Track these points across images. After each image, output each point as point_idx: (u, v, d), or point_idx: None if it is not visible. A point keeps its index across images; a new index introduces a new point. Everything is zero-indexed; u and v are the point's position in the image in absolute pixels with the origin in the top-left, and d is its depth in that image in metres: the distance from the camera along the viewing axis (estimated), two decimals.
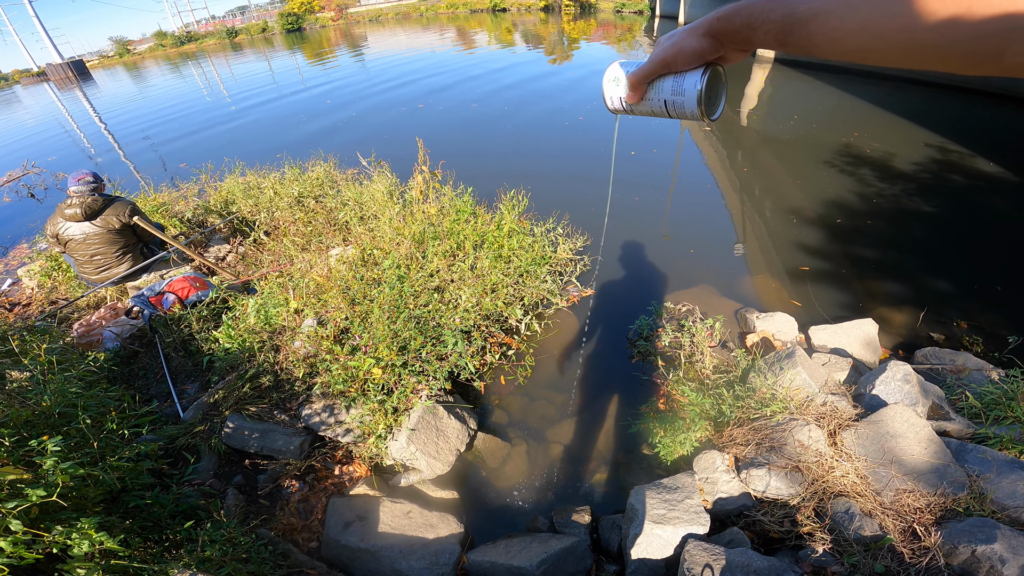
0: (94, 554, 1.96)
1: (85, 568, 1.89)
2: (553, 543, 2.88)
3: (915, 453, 2.64)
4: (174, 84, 27.14)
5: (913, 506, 2.44)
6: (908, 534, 2.34)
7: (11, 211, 9.42)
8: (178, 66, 37.01)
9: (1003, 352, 3.73)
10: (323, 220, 5.96)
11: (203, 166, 7.64)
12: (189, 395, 3.87)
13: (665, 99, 0.89)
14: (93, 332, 4.24)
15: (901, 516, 2.42)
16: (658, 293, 5.00)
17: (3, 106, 29.31)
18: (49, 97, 29.04)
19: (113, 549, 1.98)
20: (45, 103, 26.75)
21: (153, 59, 56.69)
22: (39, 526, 1.91)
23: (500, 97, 13.63)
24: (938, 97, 10.76)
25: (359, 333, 3.71)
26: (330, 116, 13.76)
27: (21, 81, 45.51)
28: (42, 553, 1.89)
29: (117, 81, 34.32)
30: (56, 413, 2.55)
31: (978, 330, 4.19)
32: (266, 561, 2.55)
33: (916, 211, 6.11)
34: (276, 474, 3.29)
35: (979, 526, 2.25)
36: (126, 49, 77.38)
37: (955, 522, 2.35)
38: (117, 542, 1.97)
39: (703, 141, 9.17)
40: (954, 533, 2.26)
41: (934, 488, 2.51)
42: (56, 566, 1.92)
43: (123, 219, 4.72)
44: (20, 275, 5.78)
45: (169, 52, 67.01)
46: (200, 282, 4.75)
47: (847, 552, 2.33)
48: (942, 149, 7.78)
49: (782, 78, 13.45)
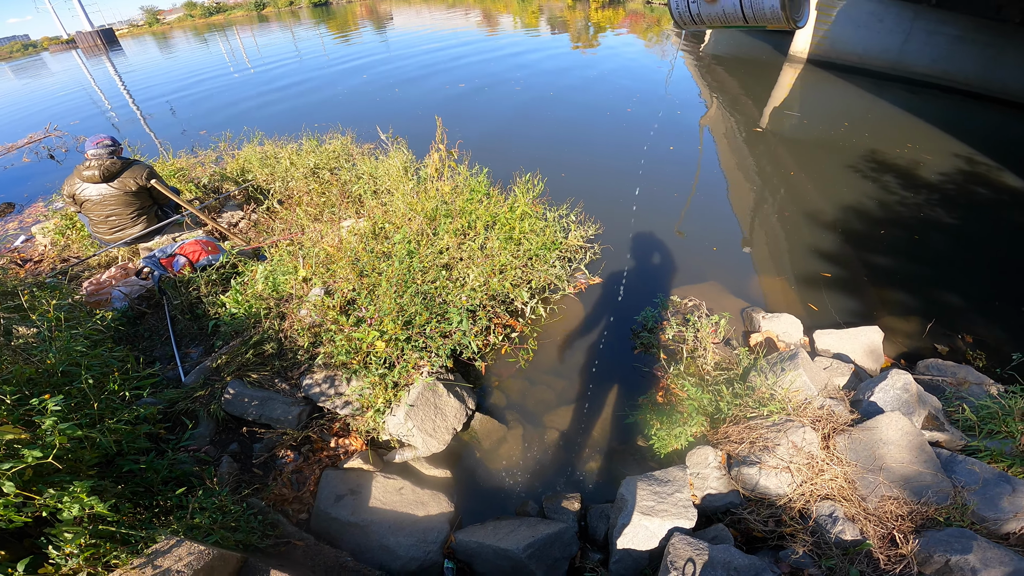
0: (83, 519, 1.95)
1: (73, 532, 1.89)
2: (541, 528, 2.90)
3: (905, 461, 2.63)
4: (200, 54, 27.17)
5: (895, 513, 2.44)
6: (887, 540, 2.35)
7: (30, 171, 9.52)
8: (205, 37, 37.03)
9: (1005, 368, 3.72)
10: (337, 192, 5.97)
11: (222, 134, 7.66)
12: (192, 359, 3.90)
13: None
14: (102, 291, 4.29)
15: (883, 522, 2.42)
16: (666, 286, 4.98)
17: (30, 72, 29.49)
18: (76, 64, 29.18)
19: (102, 514, 1.97)
20: (71, 70, 26.88)
21: (181, 29, 56.80)
22: (31, 489, 1.90)
23: (543, 81, 13.39)
24: (975, 107, 10.60)
25: (365, 305, 3.73)
26: (365, 91, 13.69)
27: (49, 48, 45.67)
28: (31, 517, 1.89)
29: (144, 50, 34.42)
30: (60, 371, 2.55)
31: (982, 345, 4.17)
32: (255, 531, 2.56)
33: (935, 222, 6.02)
34: (272, 443, 3.30)
35: (957, 536, 2.26)
36: (155, 18, 77.50)
37: (934, 531, 2.36)
38: (107, 507, 1.96)
39: (722, 138, 9.07)
40: (932, 542, 2.27)
41: (919, 496, 2.51)
42: (44, 530, 1.92)
43: (140, 182, 4.76)
44: (34, 232, 5.84)
45: (197, 23, 67.10)
46: (211, 246, 4.78)
47: (826, 555, 2.34)
48: (970, 160, 7.66)
49: (814, 79, 13.18)
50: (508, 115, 10.71)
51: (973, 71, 11.41)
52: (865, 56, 13.33)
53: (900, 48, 12.63)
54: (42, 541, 1.91)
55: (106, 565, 1.94)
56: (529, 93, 12.22)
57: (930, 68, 12.22)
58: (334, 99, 13.09)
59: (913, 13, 12.16)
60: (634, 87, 12.15)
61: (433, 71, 15.49)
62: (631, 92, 11.79)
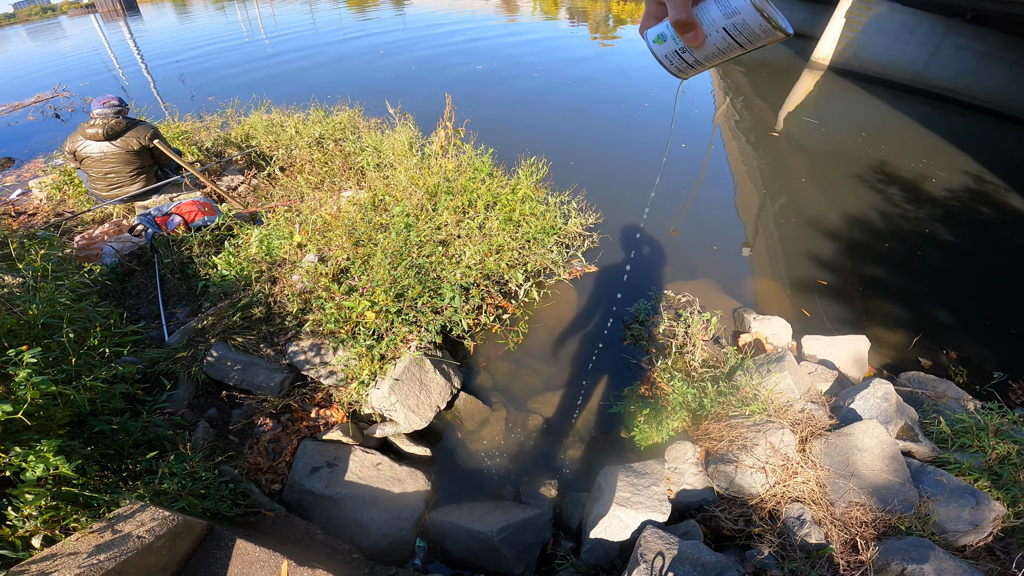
0: (47, 479, 1.90)
1: (34, 493, 1.84)
2: (516, 512, 2.90)
3: (876, 469, 2.63)
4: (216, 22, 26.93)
5: (860, 519, 2.45)
6: (849, 546, 2.35)
7: (34, 129, 9.48)
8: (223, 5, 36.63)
9: (985, 385, 3.73)
10: (340, 163, 5.94)
11: (230, 101, 7.62)
12: (178, 319, 3.87)
13: (724, 26, 0.81)
14: (94, 245, 4.27)
15: (847, 528, 2.43)
16: (661, 280, 4.96)
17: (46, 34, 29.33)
18: (92, 28, 29.00)
19: (67, 475, 1.92)
20: (88, 34, 26.70)
21: None
22: None
23: (563, 71, 13.11)
24: (993, 126, 10.46)
25: (358, 274, 3.71)
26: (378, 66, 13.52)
27: (68, 12, 45.38)
28: None
29: (162, 15, 34.18)
30: (41, 323, 2.52)
31: (966, 362, 4.19)
32: (224, 499, 2.52)
33: (935, 238, 5.97)
34: (251, 410, 3.27)
35: (916, 546, 2.26)
36: None
37: (895, 539, 2.36)
38: (73, 468, 1.91)
39: (731, 140, 8.98)
40: (891, 550, 2.27)
41: (885, 504, 2.52)
42: (6, 490, 1.87)
43: (143, 141, 4.76)
44: (31, 186, 5.81)
45: None
46: (208, 207, 4.76)
47: (790, 557, 2.34)
48: (978, 179, 7.57)
49: (833, 87, 12.98)
50: (522, 100, 10.60)
51: (996, 89, 11.26)
52: (888, 67, 13.17)
53: (926, 61, 12.47)
54: (1, 502, 1.86)
55: (64, 528, 1.89)
56: (546, 80, 12.05)
57: (953, 83, 12.07)
58: (346, 72, 12.97)
59: (945, 27, 12.01)
60: (653, 81, 12.01)
61: (450, 51, 15.25)
62: (648, 87, 11.65)
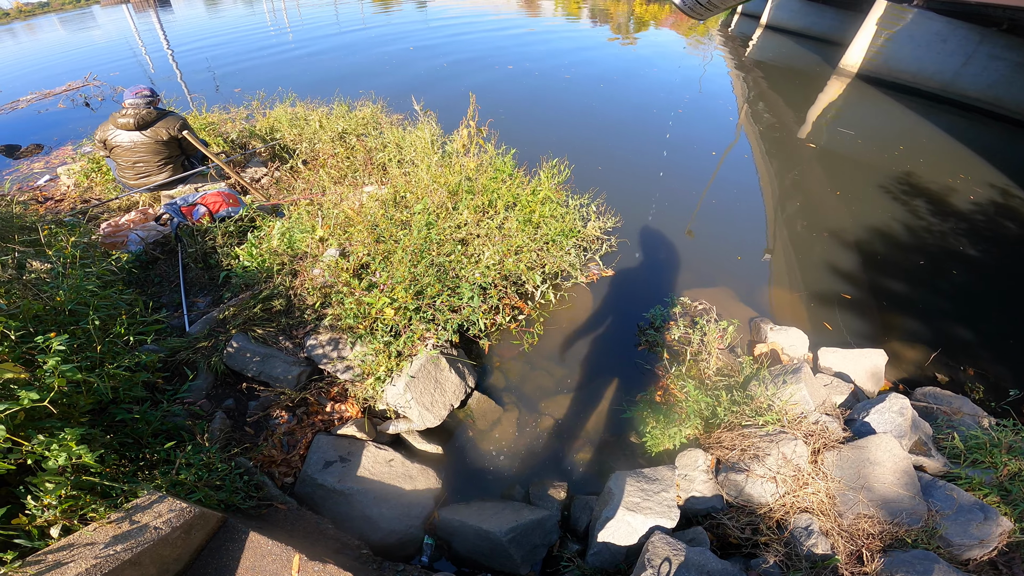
0: (67, 468, 1.87)
1: (55, 482, 1.80)
2: (525, 513, 2.91)
3: (887, 482, 2.62)
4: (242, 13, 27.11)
5: (867, 531, 2.44)
6: (854, 558, 2.35)
7: (64, 117, 9.59)
8: None
9: (1001, 403, 3.71)
10: (362, 158, 5.99)
11: (256, 93, 7.71)
12: (199, 308, 3.93)
13: None
14: (120, 233, 4.34)
15: (853, 539, 2.42)
16: (677, 287, 4.95)
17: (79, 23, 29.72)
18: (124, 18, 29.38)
19: (87, 464, 1.89)
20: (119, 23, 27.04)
21: None
22: (20, 434, 1.84)
23: (594, 72, 13.04)
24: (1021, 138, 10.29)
25: (379, 270, 3.74)
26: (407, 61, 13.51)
27: (102, 2, 45.91)
28: (15, 464, 1.81)
29: (192, 6, 34.52)
30: (67, 310, 2.54)
31: (983, 379, 4.15)
32: (239, 491, 2.54)
33: (958, 252, 5.91)
34: (268, 402, 3.30)
35: (920, 559, 2.26)
36: None
37: (900, 552, 2.36)
38: (94, 457, 1.88)
39: (756, 142, 8.92)
40: (896, 562, 2.27)
41: (893, 517, 2.51)
42: (25, 478, 1.83)
43: (172, 132, 4.84)
44: (59, 173, 5.91)
45: None
46: (232, 199, 4.83)
47: (795, 567, 2.34)
48: (1005, 192, 7.47)
49: (860, 94, 12.83)
50: (551, 102, 10.55)
51: None
52: (918, 75, 13.01)
53: (957, 70, 12.31)
54: (20, 490, 1.82)
55: (83, 518, 1.88)
56: (577, 83, 11.96)
57: (983, 93, 11.92)
58: (373, 67, 12.98)
59: (980, 36, 11.86)
60: (685, 87, 11.94)
61: (482, 51, 15.19)
62: (682, 92, 11.58)
